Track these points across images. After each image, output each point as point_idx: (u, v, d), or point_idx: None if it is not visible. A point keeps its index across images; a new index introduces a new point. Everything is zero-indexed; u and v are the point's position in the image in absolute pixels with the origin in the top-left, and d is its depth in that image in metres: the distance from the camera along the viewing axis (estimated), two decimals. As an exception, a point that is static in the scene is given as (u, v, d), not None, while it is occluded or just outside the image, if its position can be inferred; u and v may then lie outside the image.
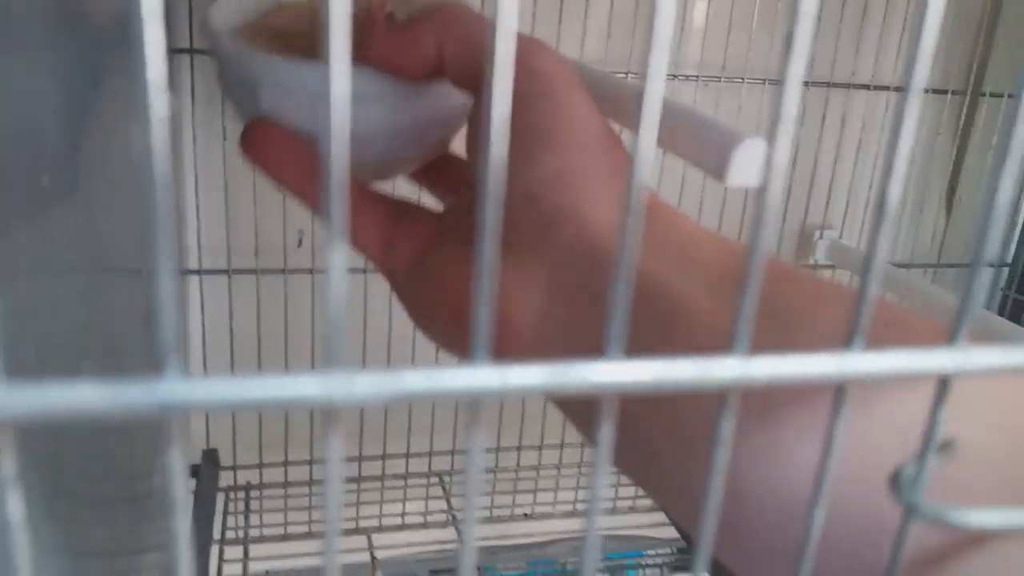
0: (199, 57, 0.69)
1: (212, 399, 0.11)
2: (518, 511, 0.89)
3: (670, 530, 0.91)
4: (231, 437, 0.79)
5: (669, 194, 0.81)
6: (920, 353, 0.14)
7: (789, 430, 0.19)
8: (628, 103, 0.46)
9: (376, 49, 0.28)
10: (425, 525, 0.86)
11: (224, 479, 0.81)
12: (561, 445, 0.89)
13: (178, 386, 0.11)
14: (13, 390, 0.10)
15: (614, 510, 0.89)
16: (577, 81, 0.28)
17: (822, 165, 0.91)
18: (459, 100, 0.31)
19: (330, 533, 0.12)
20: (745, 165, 0.36)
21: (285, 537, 0.81)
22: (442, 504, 0.86)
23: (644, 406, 0.22)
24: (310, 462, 0.82)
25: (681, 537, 0.91)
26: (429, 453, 0.87)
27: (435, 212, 0.32)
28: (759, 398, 0.19)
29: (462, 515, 0.12)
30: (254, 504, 0.82)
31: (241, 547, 0.76)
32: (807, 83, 0.87)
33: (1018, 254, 1.00)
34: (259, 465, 0.81)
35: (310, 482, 0.83)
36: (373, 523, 0.84)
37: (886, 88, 0.90)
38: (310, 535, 0.82)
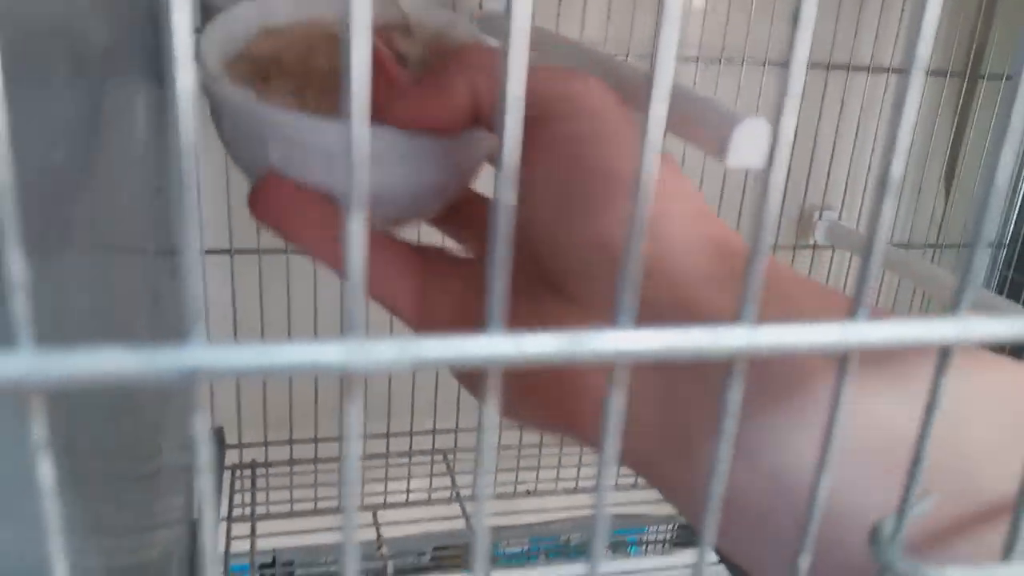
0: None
1: (237, 365, 0.11)
2: (521, 488, 0.90)
3: (671, 507, 0.91)
4: (236, 416, 0.80)
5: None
6: (922, 323, 0.15)
7: (781, 416, 0.19)
8: (631, 83, 0.46)
9: (404, 108, 0.25)
10: (429, 502, 0.86)
11: (230, 457, 0.81)
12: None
13: (205, 352, 0.11)
14: (43, 355, 0.11)
15: (616, 487, 0.90)
16: (632, 117, 0.26)
17: (821, 147, 0.91)
18: (485, 143, 0.29)
19: (348, 509, 0.12)
20: (746, 145, 0.36)
21: (291, 514, 0.82)
22: (446, 481, 0.87)
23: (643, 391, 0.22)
24: (315, 440, 0.83)
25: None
26: (433, 431, 0.87)
27: (467, 260, 0.29)
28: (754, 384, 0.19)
29: (468, 491, 0.12)
30: (260, 482, 0.82)
31: (248, 524, 0.77)
32: (807, 65, 0.87)
33: (1016, 234, 1.01)
34: (264, 443, 0.82)
35: (315, 459, 0.84)
36: (378, 500, 0.85)
37: (885, 70, 0.90)
38: (316, 512, 0.82)
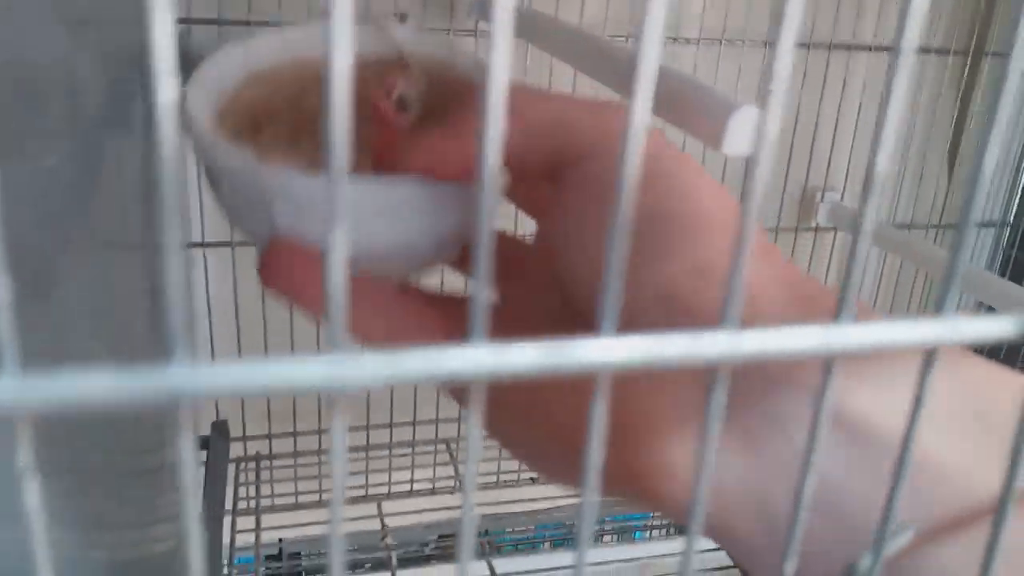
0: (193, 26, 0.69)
1: (220, 385, 0.11)
2: (524, 476, 0.90)
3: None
4: (240, 409, 0.80)
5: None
6: (906, 324, 0.15)
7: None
8: (622, 67, 0.46)
9: (423, 157, 0.24)
10: (433, 492, 0.87)
11: (234, 450, 0.82)
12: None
13: (187, 374, 0.11)
14: (27, 380, 0.11)
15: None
16: (681, 154, 0.23)
17: (823, 127, 0.91)
18: (501, 180, 0.28)
19: (335, 508, 0.13)
20: (741, 133, 0.36)
21: (296, 506, 0.82)
22: (450, 471, 0.87)
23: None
24: (319, 432, 0.83)
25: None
26: (436, 420, 0.87)
27: (494, 307, 0.27)
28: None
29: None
30: (264, 475, 0.83)
31: (253, 517, 0.77)
32: (808, 45, 0.87)
33: (1020, 213, 1.00)
34: (268, 436, 0.82)
35: (319, 451, 0.84)
36: (382, 491, 0.85)
37: (887, 49, 0.90)
38: (320, 504, 0.83)
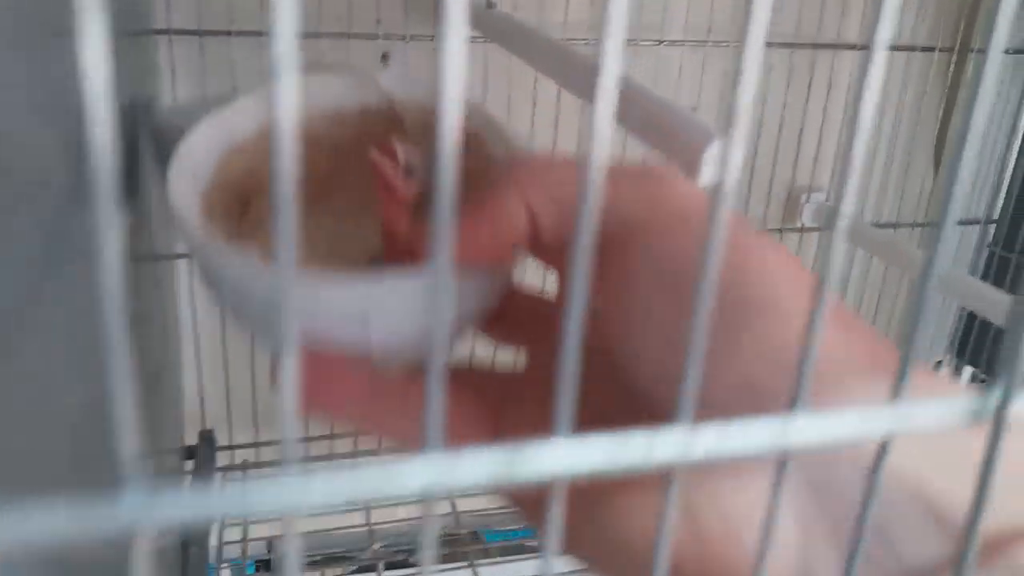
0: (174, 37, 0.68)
1: (171, 515, 0.11)
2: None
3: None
4: (227, 418, 0.81)
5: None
6: (861, 415, 0.15)
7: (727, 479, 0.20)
8: (583, 73, 0.46)
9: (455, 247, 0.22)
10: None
11: (221, 459, 0.82)
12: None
13: (140, 505, 0.11)
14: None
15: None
16: (740, 218, 0.21)
17: (809, 127, 0.91)
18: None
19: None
20: (718, 164, 0.36)
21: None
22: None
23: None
24: (306, 439, 0.83)
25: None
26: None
27: (519, 376, 0.25)
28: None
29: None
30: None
31: (240, 527, 0.77)
32: (794, 45, 0.87)
33: (1004, 210, 1.01)
34: (255, 444, 0.83)
35: (306, 459, 0.84)
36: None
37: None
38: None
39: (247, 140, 0.28)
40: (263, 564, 0.87)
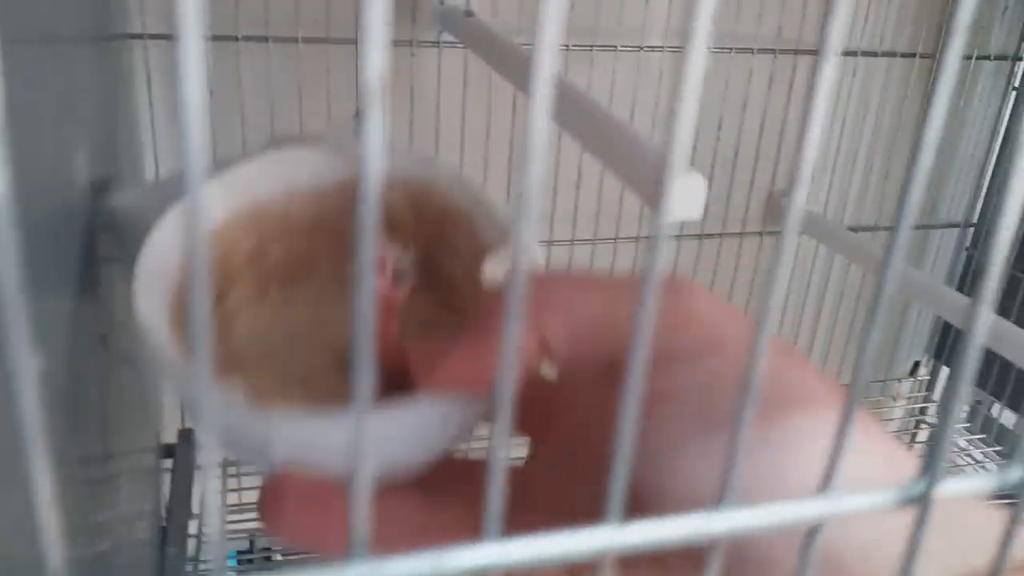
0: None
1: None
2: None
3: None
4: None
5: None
6: (791, 505, 0.15)
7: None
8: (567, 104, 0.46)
9: (441, 381, 0.21)
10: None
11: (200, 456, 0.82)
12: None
13: None
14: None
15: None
16: (803, 360, 0.21)
17: (790, 131, 0.91)
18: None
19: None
20: (682, 198, 0.36)
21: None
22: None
23: None
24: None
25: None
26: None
27: (523, 470, 0.25)
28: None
29: None
30: (232, 482, 0.83)
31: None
32: (775, 51, 0.87)
33: (983, 214, 1.01)
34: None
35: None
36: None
37: (854, 54, 0.90)
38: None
39: (217, 227, 0.27)
40: (246, 557, 0.88)
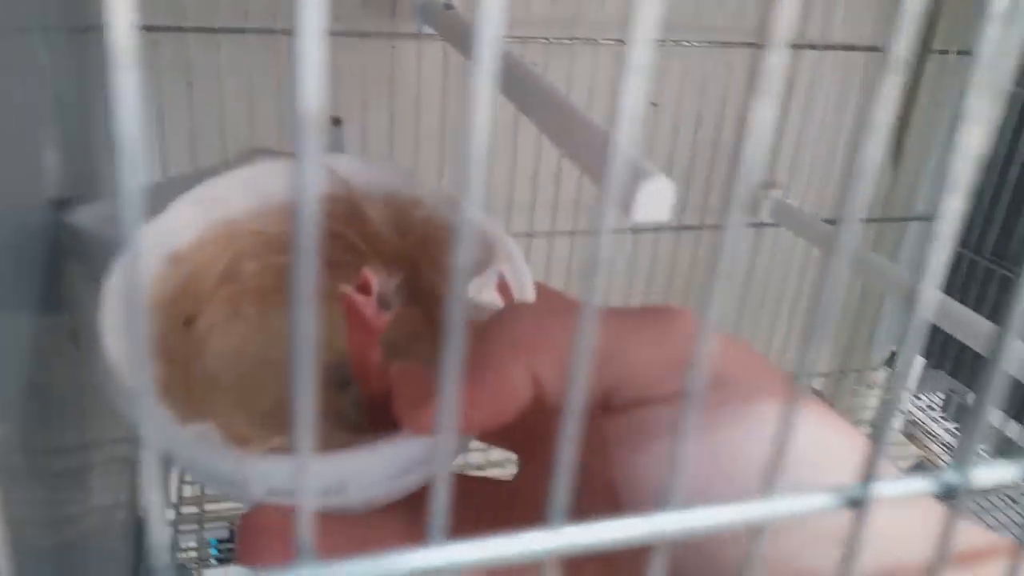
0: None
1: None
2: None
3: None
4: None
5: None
6: (734, 507, 0.16)
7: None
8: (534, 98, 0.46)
9: (421, 425, 0.20)
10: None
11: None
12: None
13: None
14: None
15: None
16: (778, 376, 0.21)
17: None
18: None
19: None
20: (650, 201, 0.37)
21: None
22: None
23: None
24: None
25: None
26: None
27: (510, 487, 0.25)
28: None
29: None
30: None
31: (197, 507, 0.78)
32: (754, 44, 0.87)
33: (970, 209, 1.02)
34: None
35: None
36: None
37: (833, 48, 0.90)
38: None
39: (187, 245, 0.26)
40: (226, 545, 0.88)
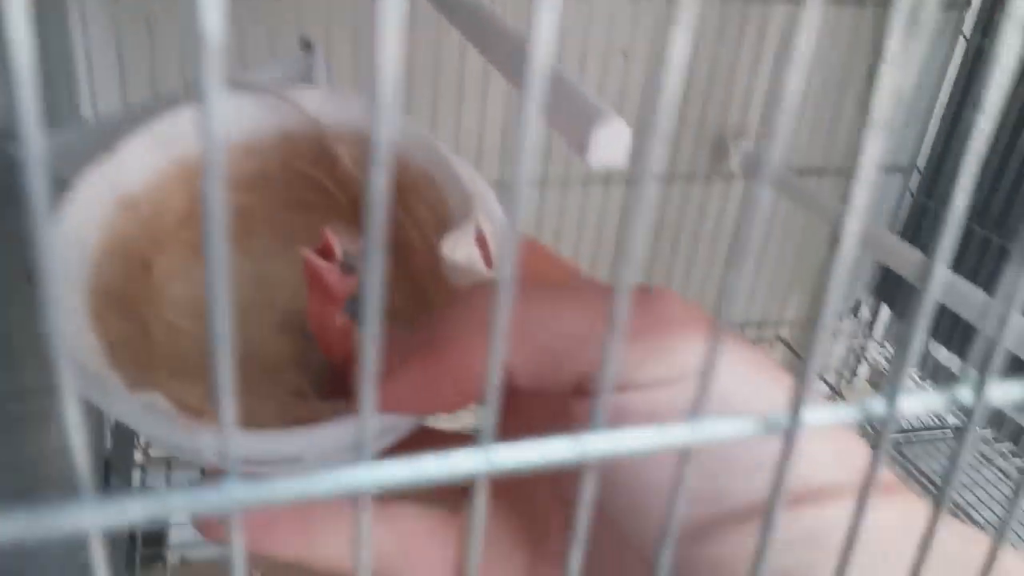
0: None
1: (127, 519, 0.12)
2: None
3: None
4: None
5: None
6: (661, 430, 0.16)
7: None
8: (510, 53, 0.46)
9: (402, 396, 0.20)
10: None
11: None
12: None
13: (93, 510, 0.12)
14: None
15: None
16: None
17: (740, 76, 0.91)
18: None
19: None
20: (606, 145, 0.37)
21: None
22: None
23: None
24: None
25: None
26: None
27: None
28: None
29: None
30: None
31: (163, 466, 0.78)
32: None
33: (929, 160, 1.03)
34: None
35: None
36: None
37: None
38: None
39: (142, 186, 0.24)
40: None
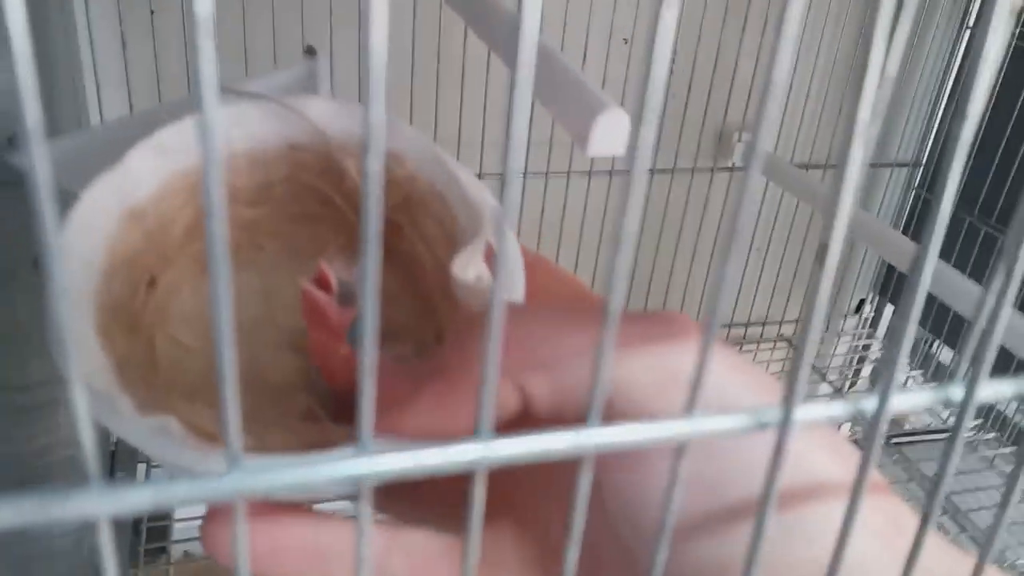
0: None
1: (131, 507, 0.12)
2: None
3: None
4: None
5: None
6: (656, 424, 0.16)
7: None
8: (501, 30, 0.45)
9: (420, 423, 0.20)
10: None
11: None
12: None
13: (100, 498, 0.12)
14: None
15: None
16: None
17: (743, 69, 0.91)
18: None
19: None
20: (606, 135, 0.37)
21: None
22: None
23: None
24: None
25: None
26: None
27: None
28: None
29: None
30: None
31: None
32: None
33: (932, 154, 1.03)
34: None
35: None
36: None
37: (808, -11, 0.90)
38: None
39: (145, 201, 0.24)
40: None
